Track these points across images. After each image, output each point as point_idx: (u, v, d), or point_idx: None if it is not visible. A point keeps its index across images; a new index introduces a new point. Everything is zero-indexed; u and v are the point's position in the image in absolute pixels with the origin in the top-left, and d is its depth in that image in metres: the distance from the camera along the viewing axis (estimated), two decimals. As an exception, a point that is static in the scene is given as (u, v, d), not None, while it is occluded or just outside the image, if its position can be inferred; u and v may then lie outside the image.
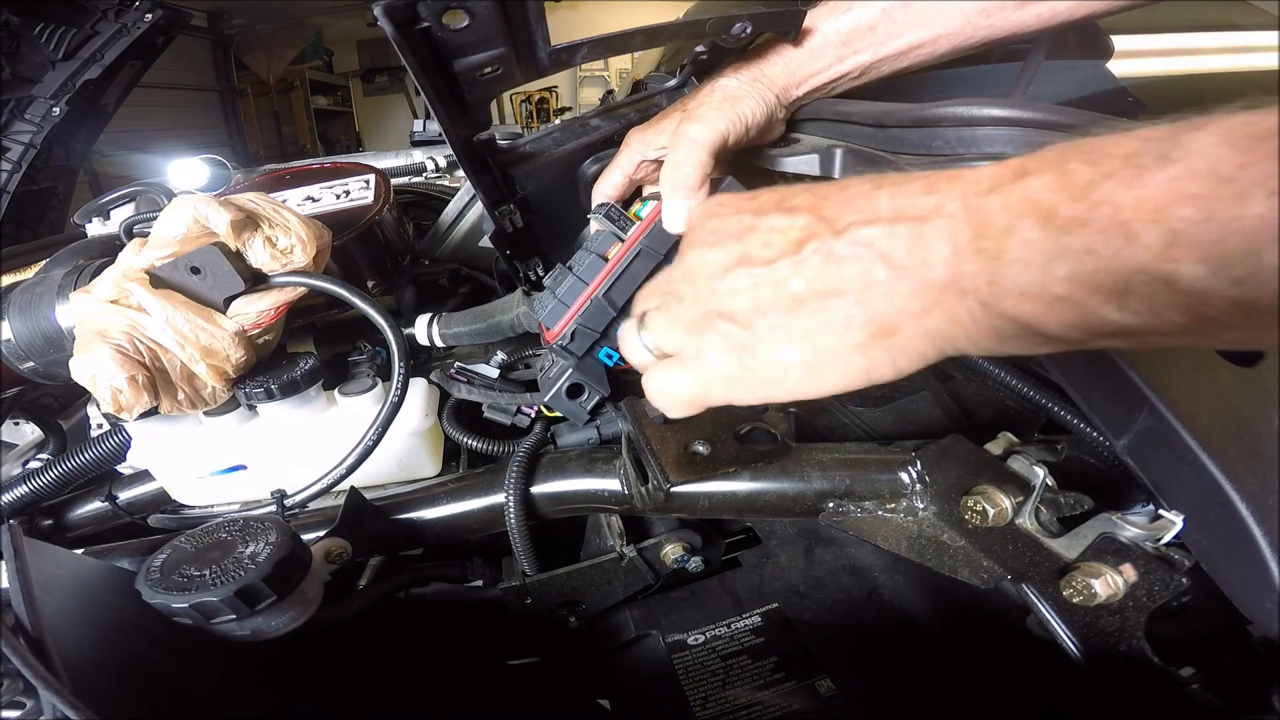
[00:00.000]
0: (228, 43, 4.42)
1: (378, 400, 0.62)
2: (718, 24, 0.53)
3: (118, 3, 2.02)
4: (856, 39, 0.55)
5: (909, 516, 0.45)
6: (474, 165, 0.59)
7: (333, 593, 0.48)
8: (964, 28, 0.53)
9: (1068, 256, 0.23)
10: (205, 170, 1.20)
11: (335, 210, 0.76)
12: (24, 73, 1.94)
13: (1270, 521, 0.32)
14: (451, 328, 0.74)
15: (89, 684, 0.31)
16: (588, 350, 0.57)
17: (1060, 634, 0.42)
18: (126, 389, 0.50)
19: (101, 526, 0.71)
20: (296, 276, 0.56)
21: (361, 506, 0.54)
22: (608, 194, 0.61)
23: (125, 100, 2.39)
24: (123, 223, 0.74)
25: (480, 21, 0.45)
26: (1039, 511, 0.41)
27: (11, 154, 1.93)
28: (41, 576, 0.35)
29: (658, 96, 0.70)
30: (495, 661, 0.64)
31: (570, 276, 0.56)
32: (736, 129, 0.54)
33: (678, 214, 0.53)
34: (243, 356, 0.55)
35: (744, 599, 0.61)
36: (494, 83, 0.51)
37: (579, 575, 0.56)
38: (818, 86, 0.58)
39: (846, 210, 0.30)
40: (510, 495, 0.53)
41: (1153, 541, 0.38)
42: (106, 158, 3.16)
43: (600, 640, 0.61)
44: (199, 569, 0.40)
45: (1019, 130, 0.44)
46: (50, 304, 0.59)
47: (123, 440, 0.64)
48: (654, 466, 0.48)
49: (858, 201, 0.30)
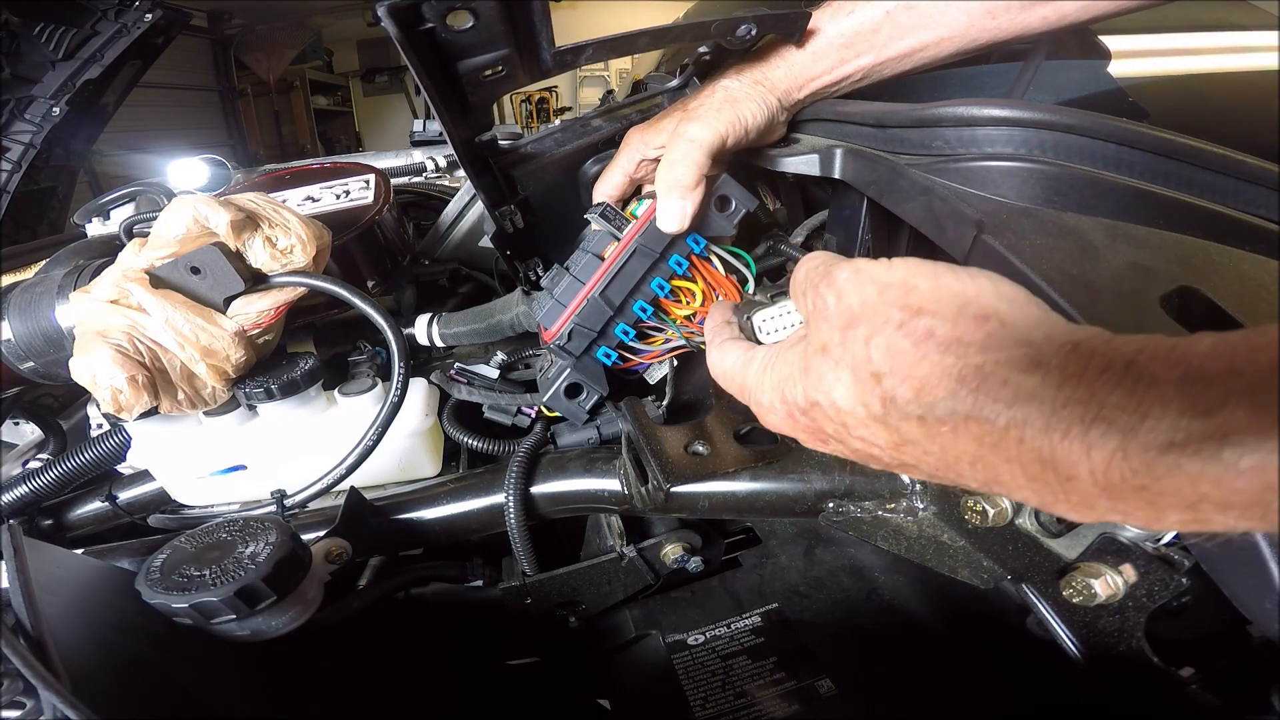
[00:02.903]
0: (228, 43, 4.43)
1: (378, 400, 0.62)
2: (723, 25, 0.53)
3: (118, 3, 2.02)
4: (859, 42, 0.55)
5: (909, 516, 0.45)
6: (475, 166, 0.59)
7: (333, 593, 0.48)
8: (968, 30, 0.53)
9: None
10: (205, 170, 1.20)
11: (335, 210, 0.76)
12: (24, 73, 1.94)
13: (1270, 522, 0.32)
14: (451, 328, 0.74)
15: (89, 684, 0.31)
16: (585, 349, 0.57)
17: (1060, 634, 0.42)
18: (126, 389, 0.50)
19: (101, 526, 0.71)
20: (296, 276, 0.56)
21: (361, 506, 0.54)
22: (608, 193, 0.61)
23: (125, 100, 2.39)
24: (123, 223, 0.74)
25: (485, 22, 0.45)
26: (1039, 511, 0.41)
27: (11, 154, 1.93)
28: (41, 576, 0.35)
29: (659, 97, 0.71)
30: (495, 661, 0.64)
31: (567, 276, 0.56)
32: (736, 131, 0.54)
33: (672, 213, 0.53)
34: (243, 356, 0.55)
35: (744, 599, 0.61)
36: (497, 84, 0.51)
37: (579, 575, 0.56)
38: (819, 90, 0.58)
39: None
40: (510, 495, 0.53)
41: (1153, 541, 0.38)
42: (106, 158, 3.16)
43: (600, 640, 0.61)
44: (199, 569, 0.40)
45: (1019, 130, 0.44)
46: (50, 304, 0.59)
47: (123, 440, 0.64)
48: (654, 466, 0.48)
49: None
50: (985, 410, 0.25)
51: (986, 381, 0.26)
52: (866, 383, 0.29)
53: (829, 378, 0.31)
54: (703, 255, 0.57)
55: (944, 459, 0.28)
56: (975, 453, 0.26)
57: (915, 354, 0.28)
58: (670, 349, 0.59)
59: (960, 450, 0.27)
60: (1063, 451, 0.23)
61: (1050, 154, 0.43)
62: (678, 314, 0.58)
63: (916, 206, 0.47)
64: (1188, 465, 0.20)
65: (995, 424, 0.25)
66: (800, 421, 0.34)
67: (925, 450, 0.28)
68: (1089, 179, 0.42)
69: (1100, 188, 0.42)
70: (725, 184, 0.57)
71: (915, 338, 0.28)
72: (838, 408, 0.31)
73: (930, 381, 0.27)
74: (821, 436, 0.34)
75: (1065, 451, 0.23)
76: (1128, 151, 0.43)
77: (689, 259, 0.56)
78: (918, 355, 0.27)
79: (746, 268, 0.59)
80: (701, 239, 0.56)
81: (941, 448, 0.28)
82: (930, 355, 0.27)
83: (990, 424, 0.25)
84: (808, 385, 0.32)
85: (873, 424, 0.30)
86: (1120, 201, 0.42)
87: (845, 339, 0.30)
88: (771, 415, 0.36)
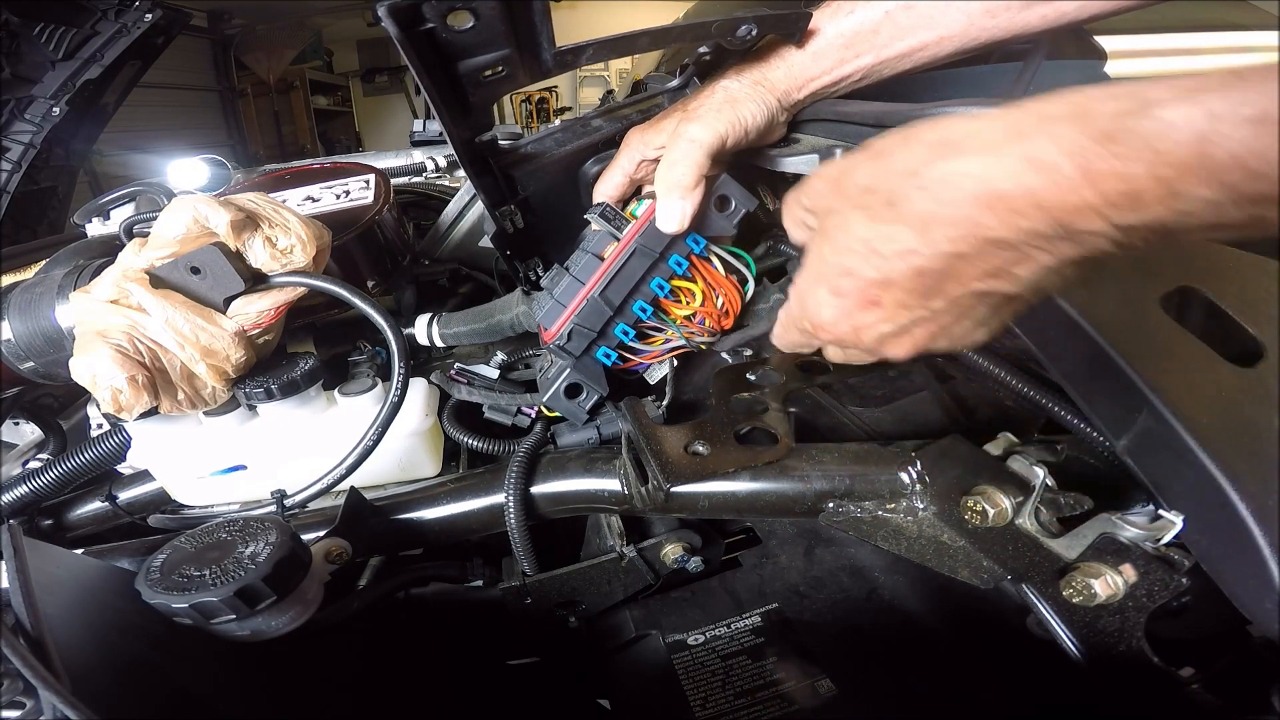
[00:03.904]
0: (228, 43, 4.42)
1: (378, 400, 0.62)
2: (723, 26, 0.53)
3: (118, 3, 2.02)
4: (859, 42, 0.55)
5: (909, 516, 0.45)
6: (476, 166, 0.59)
7: (333, 593, 0.48)
8: (968, 29, 0.53)
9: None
10: (205, 170, 1.20)
11: (335, 210, 0.76)
12: (24, 73, 1.94)
13: (1270, 521, 0.32)
14: (451, 328, 0.74)
15: (89, 684, 0.31)
16: (585, 350, 0.57)
17: (1060, 634, 0.42)
18: (126, 389, 0.50)
19: (101, 526, 0.71)
20: (296, 276, 0.56)
21: (361, 506, 0.54)
22: (608, 194, 0.61)
23: (125, 100, 2.39)
24: (123, 223, 0.74)
25: (485, 23, 0.45)
26: (1039, 511, 0.41)
27: (11, 154, 1.93)
28: (41, 576, 0.35)
29: (659, 97, 0.70)
30: (495, 661, 0.64)
31: (567, 276, 0.56)
32: (735, 131, 0.54)
33: (672, 213, 0.53)
34: (243, 356, 0.55)
35: (744, 599, 0.61)
36: (497, 84, 0.51)
37: (579, 575, 0.56)
38: (819, 90, 0.58)
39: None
40: (510, 495, 0.53)
41: (1153, 541, 0.38)
42: (106, 158, 3.16)
43: (600, 640, 0.61)
44: (199, 569, 0.40)
45: (1019, 131, 0.44)
46: (50, 304, 0.59)
47: (123, 440, 0.64)
48: (654, 466, 0.48)
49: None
50: (982, 144, 0.31)
51: (966, 139, 0.31)
52: (865, 227, 0.35)
53: (838, 252, 0.37)
54: (703, 255, 0.57)
55: (972, 198, 0.31)
56: (993, 186, 0.30)
57: (889, 163, 0.34)
58: (670, 349, 0.59)
59: (976, 187, 0.31)
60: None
61: (1050, 154, 0.43)
62: (678, 314, 0.58)
63: (916, 206, 0.47)
64: (1137, 126, 0.26)
65: (997, 163, 0.30)
66: (843, 297, 0.38)
67: (952, 200, 0.31)
68: (1089, 179, 0.42)
69: (1100, 188, 0.42)
70: (725, 184, 0.57)
71: (885, 159, 0.35)
72: (856, 270, 0.36)
73: (915, 160, 0.33)
74: (865, 296, 0.37)
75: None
76: (1127, 151, 0.43)
77: (689, 259, 0.56)
78: (893, 157, 0.34)
79: (746, 268, 0.59)
80: (701, 239, 0.56)
81: (963, 186, 0.31)
82: (905, 150, 0.34)
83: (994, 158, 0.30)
84: (828, 278, 0.38)
85: (888, 239, 0.34)
86: (1120, 201, 0.42)
87: (832, 214, 0.37)
88: (822, 312, 0.39)
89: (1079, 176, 0.27)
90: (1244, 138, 0.24)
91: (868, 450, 0.48)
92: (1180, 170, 0.25)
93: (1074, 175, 0.27)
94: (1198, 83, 0.26)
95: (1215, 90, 0.25)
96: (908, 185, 0.33)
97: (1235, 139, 0.24)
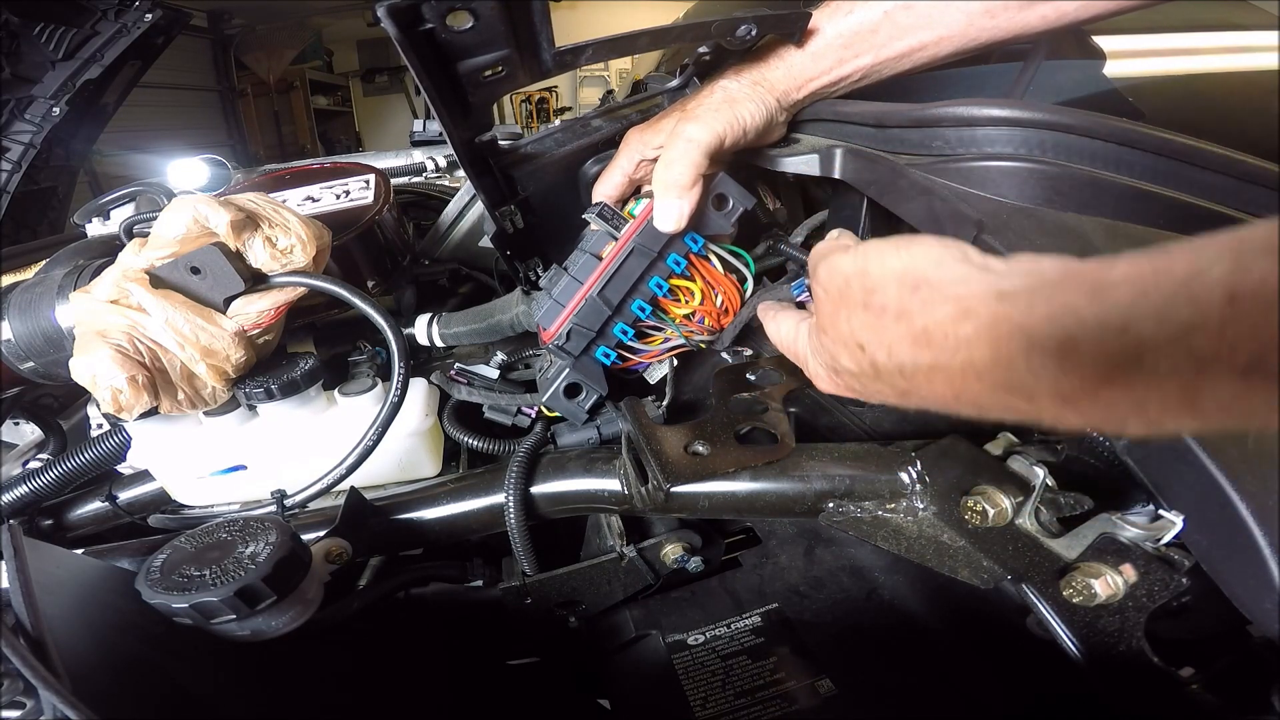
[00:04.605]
0: (228, 43, 4.42)
1: (378, 400, 0.62)
2: (723, 26, 0.53)
3: (118, 3, 2.02)
4: (858, 42, 0.55)
5: (909, 516, 0.45)
6: (476, 166, 0.59)
7: (333, 593, 0.47)
8: (967, 29, 0.53)
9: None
10: (205, 170, 1.20)
11: (335, 210, 0.76)
12: (24, 73, 1.94)
13: (1270, 521, 0.32)
14: (451, 328, 0.74)
15: (89, 684, 0.31)
16: (584, 349, 0.57)
17: (1060, 634, 0.42)
18: (126, 389, 0.50)
19: (101, 526, 0.71)
20: (296, 276, 0.56)
21: (361, 506, 0.54)
22: (607, 194, 0.61)
23: (125, 100, 2.39)
24: (123, 223, 0.74)
25: (485, 23, 0.45)
26: (1039, 511, 0.41)
27: (11, 154, 1.93)
28: (41, 576, 0.35)
29: (659, 97, 0.71)
30: (495, 661, 0.64)
31: (565, 276, 0.56)
32: (734, 131, 0.54)
33: (669, 212, 0.53)
34: (243, 356, 0.55)
35: (744, 599, 0.61)
36: (497, 84, 0.51)
37: (579, 575, 0.56)
38: (818, 90, 0.58)
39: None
40: (510, 495, 0.53)
41: (1153, 541, 0.38)
42: (106, 158, 3.16)
43: (600, 640, 0.61)
44: (199, 569, 0.40)
45: (1019, 130, 0.44)
46: (50, 304, 0.59)
47: (123, 440, 0.64)
48: (654, 466, 0.48)
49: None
50: (941, 359, 0.31)
51: (932, 337, 0.31)
52: (856, 352, 0.37)
53: (834, 350, 0.39)
54: (701, 254, 0.57)
55: (938, 396, 0.33)
56: (955, 389, 0.31)
57: (879, 325, 0.34)
58: (669, 348, 0.59)
59: (942, 390, 0.32)
60: (1015, 379, 0.28)
61: (1050, 154, 0.43)
62: (677, 313, 0.58)
63: (917, 206, 0.47)
64: (1124, 376, 0.24)
65: (952, 368, 0.31)
66: (838, 381, 0.41)
67: (922, 395, 0.34)
68: (1089, 179, 0.42)
69: (1100, 188, 0.42)
70: (723, 183, 0.57)
71: (874, 312, 0.35)
72: (849, 372, 0.38)
73: (895, 345, 0.33)
74: (855, 392, 0.40)
75: (1018, 379, 0.28)
76: (1128, 151, 0.43)
77: (687, 258, 0.56)
78: (880, 326, 0.34)
79: (745, 266, 0.59)
80: (700, 238, 0.56)
81: (930, 389, 0.33)
82: (889, 325, 0.34)
83: (948, 368, 0.31)
84: (826, 357, 0.40)
85: (874, 381, 0.37)
86: (1120, 201, 0.42)
87: (833, 321, 0.38)
88: (818, 381, 0.44)
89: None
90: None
91: (868, 450, 0.48)
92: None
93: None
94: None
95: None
96: (892, 373, 0.35)
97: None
